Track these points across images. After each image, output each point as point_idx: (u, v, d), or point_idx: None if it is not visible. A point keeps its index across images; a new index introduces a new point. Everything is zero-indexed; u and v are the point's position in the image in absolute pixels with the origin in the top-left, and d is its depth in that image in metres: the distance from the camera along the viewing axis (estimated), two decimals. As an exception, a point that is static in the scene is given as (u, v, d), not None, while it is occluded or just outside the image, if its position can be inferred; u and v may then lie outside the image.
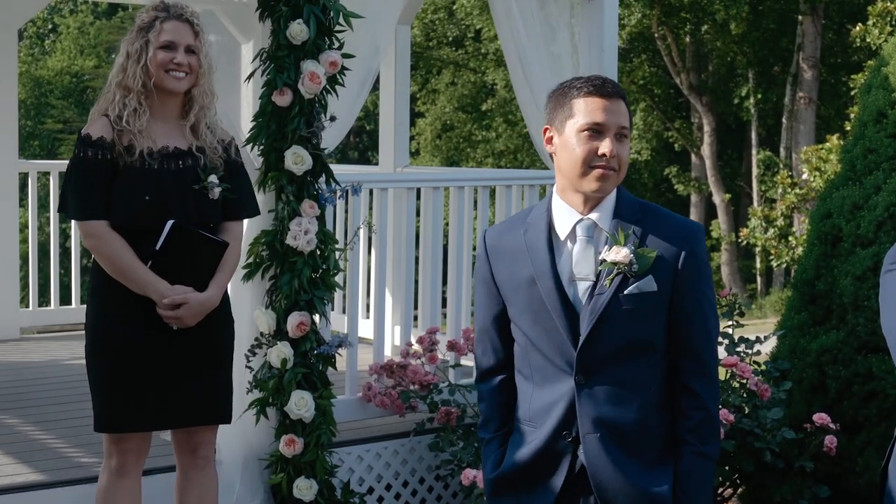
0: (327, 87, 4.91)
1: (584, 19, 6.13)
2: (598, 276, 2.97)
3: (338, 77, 4.95)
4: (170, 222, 3.94)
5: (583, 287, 2.98)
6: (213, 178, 4.05)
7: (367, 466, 5.44)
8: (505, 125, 27.27)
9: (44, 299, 8.30)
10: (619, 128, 2.96)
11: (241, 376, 4.98)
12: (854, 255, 5.54)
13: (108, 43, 30.06)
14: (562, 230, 3.01)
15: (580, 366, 2.96)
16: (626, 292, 2.94)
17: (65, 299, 8.32)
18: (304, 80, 4.81)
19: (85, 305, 4.20)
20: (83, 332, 4.12)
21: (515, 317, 3.06)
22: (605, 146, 2.93)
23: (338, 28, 4.93)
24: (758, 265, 24.83)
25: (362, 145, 31.63)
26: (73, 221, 4.07)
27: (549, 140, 3.05)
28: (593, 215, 3.00)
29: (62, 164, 7.92)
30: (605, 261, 2.95)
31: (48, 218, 9.51)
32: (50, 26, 32.75)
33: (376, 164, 8.32)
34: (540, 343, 3.01)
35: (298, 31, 4.80)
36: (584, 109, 2.95)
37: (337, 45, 4.94)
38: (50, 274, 8.03)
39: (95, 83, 29.84)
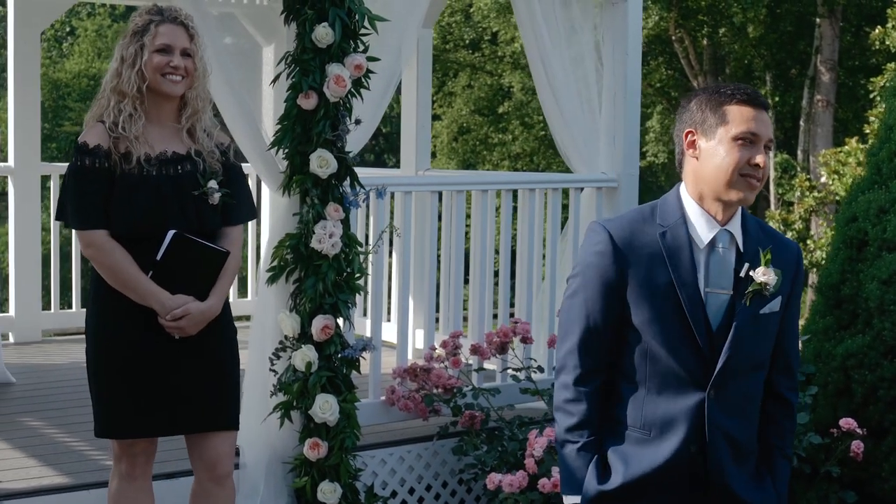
0: (352, 90, 4.90)
1: (608, 22, 6.13)
2: (735, 290, 2.98)
3: (363, 80, 4.94)
4: (171, 232, 3.91)
5: (719, 300, 2.98)
6: (212, 184, 4.01)
7: (391, 470, 5.43)
8: (521, 128, 27.23)
9: (65, 301, 8.31)
10: (769, 140, 2.96)
11: (265, 380, 4.99)
12: (880, 259, 5.51)
13: (126, 46, 30.10)
14: (702, 238, 2.98)
15: (716, 381, 2.96)
16: (762, 311, 2.99)
17: (86, 301, 8.31)
18: (330, 84, 4.81)
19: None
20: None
21: (642, 323, 2.97)
22: (759, 157, 2.93)
23: (363, 31, 4.92)
24: (775, 268, 24.71)
25: (378, 148, 31.63)
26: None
27: (692, 144, 3.02)
28: (730, 227, 3.00)
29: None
30: (752, 279, 2.96)
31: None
32: (68, 29, 32.87)
33: (392, 166, 8.32)
34: (669, 351, 2.96)
35: (324, 34, 4.80)
36: (740, 118, 2.94)
37: (362, 48, 4.93)
38: (71, 276, 8.03)
39: (113, 86, 29.88)
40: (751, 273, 2.96)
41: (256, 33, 7.20)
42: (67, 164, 4.20)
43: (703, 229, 2.99)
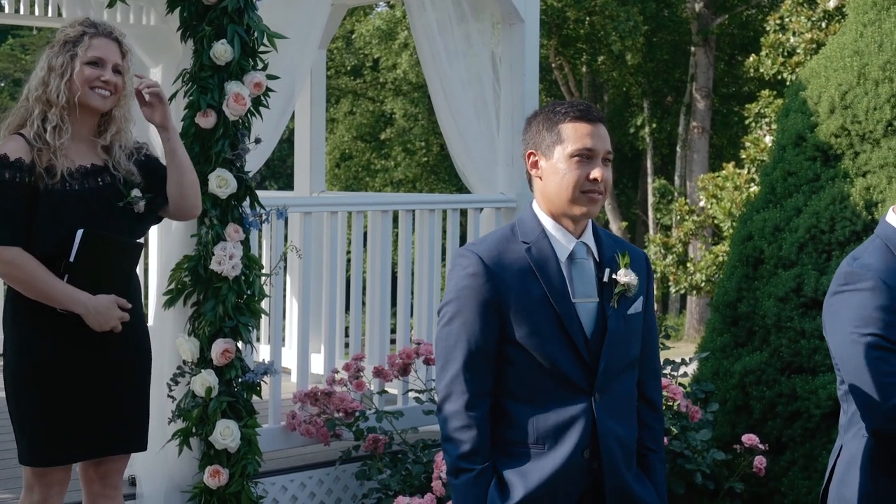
0: (252, 108, 4.80)
1: (505, 43, 6.14)
2: (601, 296, 3.05)
3: (262, 99, 4.85)
4: (80, 231, 3.76)
5: (587, 308, 3.03)
6: (136, 192, 3.92)
7: (292, 496, 5.32)
8: (404, 154, 27.27)
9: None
10: (606, 152, 3.04)
11: (162, 406, 4.83)
12: (776, 276, 5.59)
13: (-2, 70, 29.34)
14: (563, 251, 3.05)
15: (598, 385, 3.02)
16: (628, 312, 3.08)
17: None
18: (229, 102, 4.70)
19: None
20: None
21: (523, 338, 3.00)
22: (596, 172, 3.00)
23: (262, 49, 4.83)
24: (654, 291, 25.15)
25: (260, 175, 31.37)
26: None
27: (535, 164, 3.09)
28: (584, 238, 3.08)
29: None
30: (617, 282, 3.05)
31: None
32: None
33: (274, 189, 8.19)
34: (551, 362, 3.00)
35: (222, 51, 4.69)
36: (574, 135, 3.01)
37: (261, 66, 4.84)
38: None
39: (-16, 111, 29.11)
40: (614, 276, 3.06)
41: (143, 54, 7.04)
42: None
43: (562, 243, 3.06)
